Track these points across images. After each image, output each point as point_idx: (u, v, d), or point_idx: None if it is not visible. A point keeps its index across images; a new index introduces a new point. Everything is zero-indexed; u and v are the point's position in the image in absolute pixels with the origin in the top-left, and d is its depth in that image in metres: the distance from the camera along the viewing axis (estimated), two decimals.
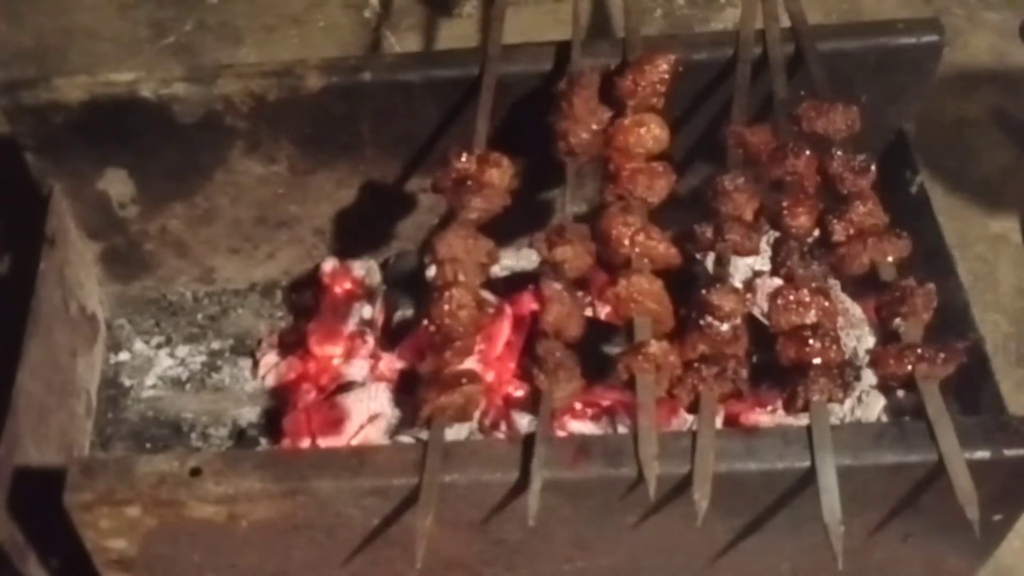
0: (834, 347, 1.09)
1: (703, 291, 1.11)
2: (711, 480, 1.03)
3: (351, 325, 1.44)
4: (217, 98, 1.34)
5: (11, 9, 1.90)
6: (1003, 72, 1.76)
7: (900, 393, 1.34)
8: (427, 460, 1.05)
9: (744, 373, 1.09)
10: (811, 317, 1.11)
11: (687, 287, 1.15)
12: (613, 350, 1.22)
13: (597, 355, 1.25)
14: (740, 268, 1.45)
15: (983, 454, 1.05)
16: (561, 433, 1.28)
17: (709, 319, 1.10)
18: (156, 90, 1.33)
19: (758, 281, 1.43)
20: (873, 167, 1.19)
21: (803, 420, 1.30)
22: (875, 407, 1.34)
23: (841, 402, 1.12)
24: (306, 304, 1.51)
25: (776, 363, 1.11)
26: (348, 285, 1.48)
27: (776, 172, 1.18)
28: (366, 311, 1.45)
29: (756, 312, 1.40)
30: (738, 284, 1.26)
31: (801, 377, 1.08)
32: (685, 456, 1.05)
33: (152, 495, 1.06)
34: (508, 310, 1.36)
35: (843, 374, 1.08)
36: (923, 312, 1.11)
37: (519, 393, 1.32)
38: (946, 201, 1.48)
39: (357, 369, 1.40)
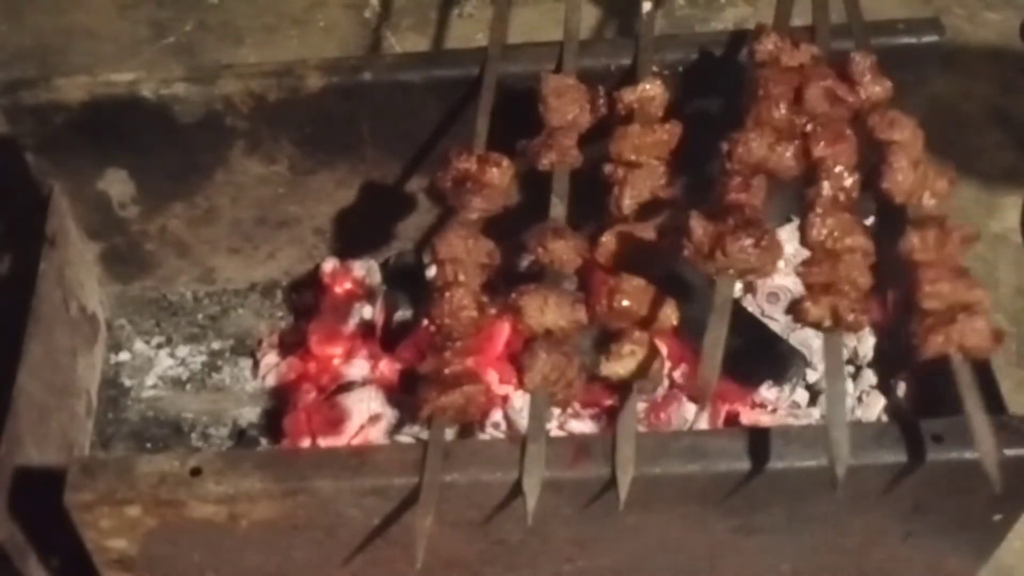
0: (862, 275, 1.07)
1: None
2: (717, 366, 1.02)
3: (351, 325, 1.44)
4: (217, 98, 1.34)
5: (11, 9, 1.90)
6: (1003, 72, 1.76)
7: (900, 393, 1.35)
8: (427, 460, 1.05)
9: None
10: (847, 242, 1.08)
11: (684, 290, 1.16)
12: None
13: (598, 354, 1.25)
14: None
15: None
16: (561, 433, 1.29)
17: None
18: (156, 90, 1.33)
19: (759, 281, 1.43)
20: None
21: (803, 420, 1.30)
22: (875, 407, 1.34)
23: (860, 329, 1.09)
24: (306, 304, 1.51)
25: (777, 363, 1.11)
26: (348, 285, 1.48)
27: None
28: (366, 311, 1.45)
29: (757, 312, 1.40)
30: None
31: (824, 296, 1.06)
32: (683, 456, 1.06)
33: (152, 495, 1.06)
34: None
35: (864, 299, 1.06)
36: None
37: (520, 393, 1.32)
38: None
39: (357, 369, 1.40)
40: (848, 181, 1.10)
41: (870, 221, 1.18)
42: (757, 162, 1.12)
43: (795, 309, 1.06)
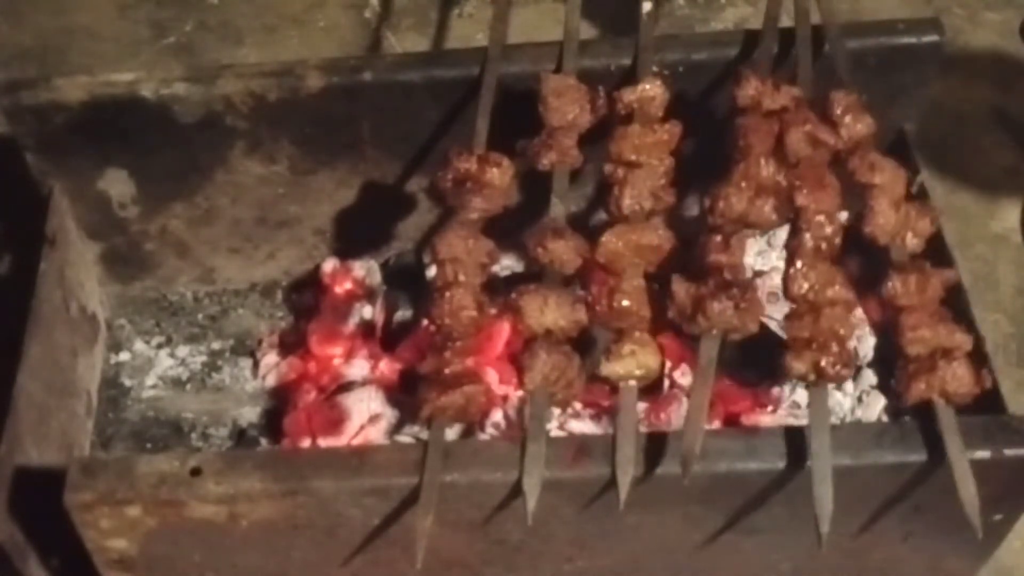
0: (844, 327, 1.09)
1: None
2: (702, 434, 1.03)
3: (351, 325, 1.44)
4: (217, 98, 1.34)
5: (11, 9, 1.90)
6: (1003, 72, 1.76)
7: None
8: (427, 460, 1.05)
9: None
10: (828, 293, 1.10)
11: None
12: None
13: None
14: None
15: (983, 454, 1.05)
16: (561, 433, 1.29)
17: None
18: (156, 90, 1.33)
19: (758, 281, 1.43)
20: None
21: (803, 421, 1.30)
22: (875, 407, 1.34)
23: (843, 381, 1.11)
24: (306, 304, 1.51)
25: (777, 363, 1.11)
26: (348, 285, 1.48)
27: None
28: (366, 311, 1.45)
29: None
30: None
31: (807, 350, 1.07)
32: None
33: (152, 495, 1.06)
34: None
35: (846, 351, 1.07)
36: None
37: (520, 393, 1.32)
38: (946, 201, 1.48)
39: (357, 369, 1.40)
40: (829, 229, 1.11)
41: None
42: (738, 217, 1.13)
43: (781, 364, 1.09)
